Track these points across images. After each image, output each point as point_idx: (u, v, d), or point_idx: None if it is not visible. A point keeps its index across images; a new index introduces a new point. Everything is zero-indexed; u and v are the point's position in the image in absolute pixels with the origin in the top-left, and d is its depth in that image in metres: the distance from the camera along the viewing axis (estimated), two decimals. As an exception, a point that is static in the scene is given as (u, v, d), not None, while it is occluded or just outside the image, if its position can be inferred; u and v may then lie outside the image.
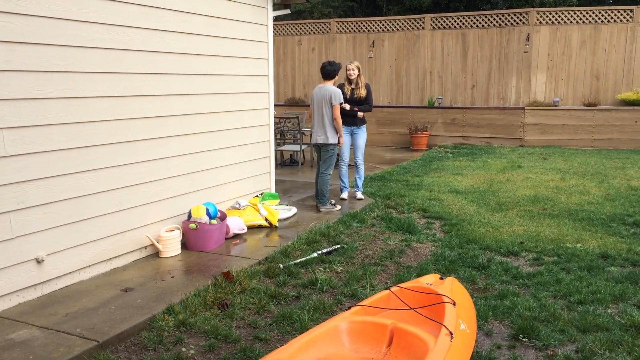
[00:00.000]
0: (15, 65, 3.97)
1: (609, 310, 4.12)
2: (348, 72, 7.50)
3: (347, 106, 7.26)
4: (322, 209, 6.99)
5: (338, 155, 7.43)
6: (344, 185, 7.71)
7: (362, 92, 7.51)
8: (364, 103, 7.55)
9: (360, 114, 7.47)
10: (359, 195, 7.70)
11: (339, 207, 7.10)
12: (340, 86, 7.51)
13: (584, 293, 4.38)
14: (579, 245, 5.65)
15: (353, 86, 7.54)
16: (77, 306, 4.09)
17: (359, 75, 7.53)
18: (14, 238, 4.07)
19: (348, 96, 7.45)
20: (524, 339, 3.71)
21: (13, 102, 3.98)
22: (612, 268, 5.00)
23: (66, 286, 4.48)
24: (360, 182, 7.74)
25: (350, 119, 7.43)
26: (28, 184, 4.13)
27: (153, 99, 5.17)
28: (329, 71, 6.88)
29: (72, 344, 3.50)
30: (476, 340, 3.62)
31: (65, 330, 3.69)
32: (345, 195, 7.68)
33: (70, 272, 4.53)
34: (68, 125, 4.38)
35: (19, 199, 4.07)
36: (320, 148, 7.02)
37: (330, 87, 6.84)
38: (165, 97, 5.30)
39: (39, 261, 4.24)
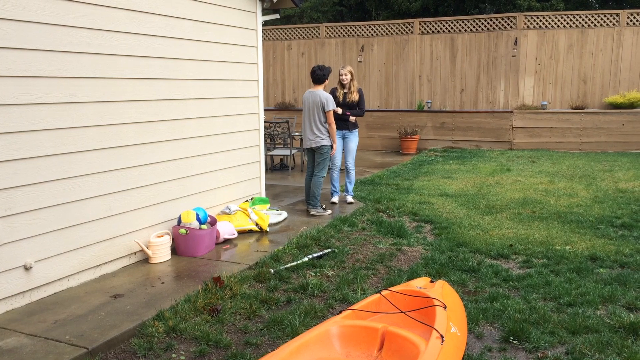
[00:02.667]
0: (2, 71, 3.94)
1: (599, 312, 4.15)
2: (341, 77, 7.55)
3: (339, 110, 7.29)
4: (313, 212, 6.99)
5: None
6: (334, 189, 7.72)
7: (355, 97, 7.56)
8: (357, 107, 7.59)
9: (352, 118, 7.50)
10: (350, 199, 7.71)
11: (329, 211, 7.10)
12: (333, 90, 7.54)
13: (574, 295, 4.41)
14: (568, 247, 5.69)
15: (346, 90, 7.58)
16: (66, 313, 4.05)
17: (351, 79, 7.57)
18: (2, 245, 4.02)
19: (340, 100, 7.49)
20: (514, 342, 3.72)
21: (0, 107, 3.95)
22: (601, 270, 5.03)
23: (55, 293, 4.44)
24: (350, 186, 7.75)
25: (342, 123, 7.45)
26: (16, 190, 4.09)
27: (142, 104, 5.15)
28: (319, 76, 6.89)
29: (61, 351, 3.47)
30: (467, 343, 3.63)
31: (54, 337, 3.65)
32: (335, 199, 7.68)
33: (59, 279, 4.49)
34: (56, 131, 4.36)
35: (6, 205, 4.03)
36: (314, 151, 7.03)
37: (321, 92, 6.86)
38: (154, 102, 5.28)
39: (27, 268, 4.20)
